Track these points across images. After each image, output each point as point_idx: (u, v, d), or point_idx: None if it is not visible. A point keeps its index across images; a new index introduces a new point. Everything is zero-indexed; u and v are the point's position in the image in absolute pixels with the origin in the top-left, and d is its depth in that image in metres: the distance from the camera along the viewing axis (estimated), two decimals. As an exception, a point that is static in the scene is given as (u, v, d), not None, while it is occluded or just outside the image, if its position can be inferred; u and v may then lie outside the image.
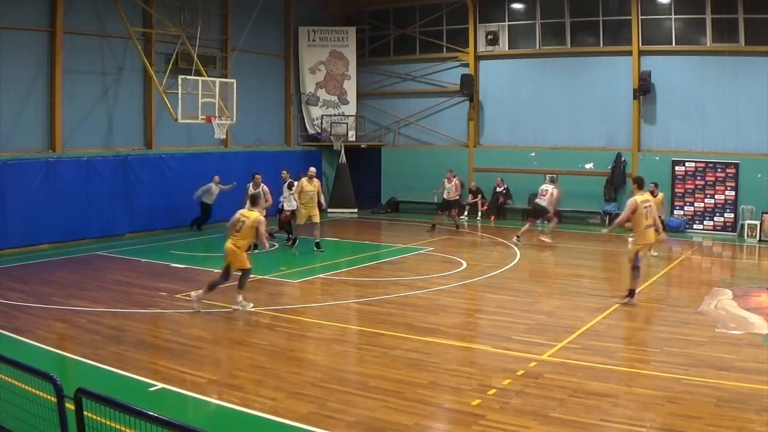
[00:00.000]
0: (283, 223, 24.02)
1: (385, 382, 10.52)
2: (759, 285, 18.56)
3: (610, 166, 30.01)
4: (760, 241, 26.52)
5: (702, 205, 28.44)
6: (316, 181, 23.06)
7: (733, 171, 28.24)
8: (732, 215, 28.00)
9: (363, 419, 9.13)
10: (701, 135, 28.80)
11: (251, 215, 15.02)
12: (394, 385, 10.36)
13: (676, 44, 29.31)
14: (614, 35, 30.37)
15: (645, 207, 15.96)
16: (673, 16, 29.30)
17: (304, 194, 22.64)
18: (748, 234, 27.21)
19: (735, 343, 13.03)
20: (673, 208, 28.81)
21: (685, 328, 14.10)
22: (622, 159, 29.80)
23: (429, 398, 9.99)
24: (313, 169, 23.76)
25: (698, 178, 28.58)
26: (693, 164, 28.81)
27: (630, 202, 16.06)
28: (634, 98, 29.51)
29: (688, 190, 28.79)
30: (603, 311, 15.18)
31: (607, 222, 28.91)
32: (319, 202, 22.78)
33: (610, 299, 16.23)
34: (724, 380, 10.76)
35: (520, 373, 10.93)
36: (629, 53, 29.80)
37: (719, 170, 28.42)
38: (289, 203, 23.42)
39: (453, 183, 28.10)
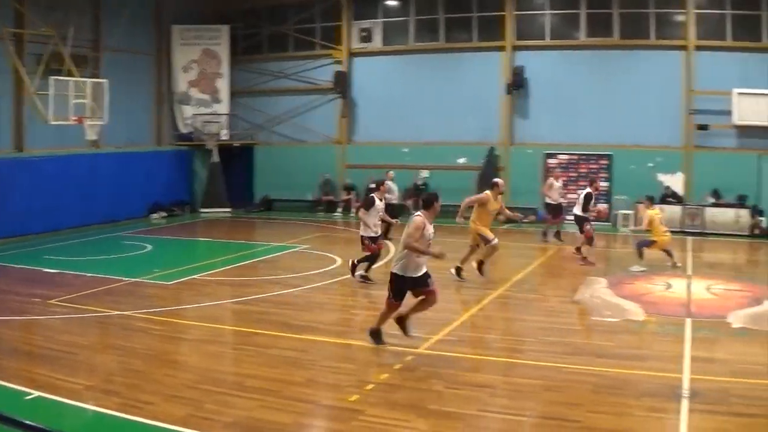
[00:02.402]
0: None
1: (262, 381, 10.32)
2: (632, 273, 19.01)
3: (483, 160, 30.35)
4: (633, 230, 27.19)
5: (575, 196, 28.98)
6: None
7: (606, 162, 28.94)
8: (606, 205, 28.66)
9: (241, 420, 8.93)
10: (574, 128, 29.44)
11: None
12: (272, 384, 10.17)
13: (549, 39, 29.89)
14: (488, 31, 30.78)
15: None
16: (547, 12, 29.87)
17: None
18: (622, 223, 27.94)
19: (611, 330, 13.31)
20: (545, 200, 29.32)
21: (561, 317, 14.33)
22: (495, 153, 30.18)
23: (307, 396, 9.83)
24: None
25: (571, 170, 29.15)
26: (566, 156, 29.40)
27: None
28: (507, 93, 29.93)
29: (562, 182, 29.35)
30: (478, 303, 15.29)
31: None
32: None
33: (484, 291, 16.37)
34: (601, 367, 10.95)
35: (397, 367, 10.87)
36: (502, 49, 30.23)
37: (592, 162, 29.09)
38: None
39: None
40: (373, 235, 17.45)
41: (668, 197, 28.04)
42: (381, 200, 17.66)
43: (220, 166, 33.64)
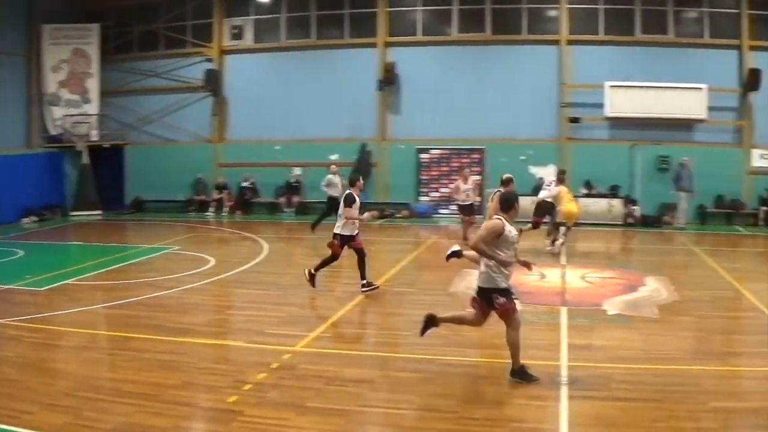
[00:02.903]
0: None
1: (139, 386, 10.16)
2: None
3: (356, 157, 30.53)
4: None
5: (448, 190, 29.50)
6: None
7: (479, 156, 29.47)
8: (479, 199, 29.17)
9: (120, 426, 8.79)
10: (448, 123, 29.94)
11: None
12: (149, 389, 10.03)
13: (422, 35, 30.24)
14: (360, 27, 30.95)
15: None
16: (419, 8, 30.23)
17: None
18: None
19: (487, 321, 13.50)
20: (419, 194, 29.71)
21: (437, 309, 14.22)
22: (368, 149, 30.40)
23: (185, 399, 9.75)
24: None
25: (443, 164, 29.58)
26: (438, 151, 29.82)
27: None
28: (379, 89, 30.17)
29: (435, 177, 29.78)
30: (354, 299, 15.36)
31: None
32: None
33: (359, 287, 16.39)
34: (478, 357, 11.27)
35: (275, 366, 10.84)
36: (375, 45, 30.45)
37: (464, 156, 29.59)
38: None
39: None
40: (350, 233, 16.25)
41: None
42: (359, 197, 16.49)
43: (91, 168, 32.98)
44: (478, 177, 28.73)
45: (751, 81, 28.91)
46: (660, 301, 15.29)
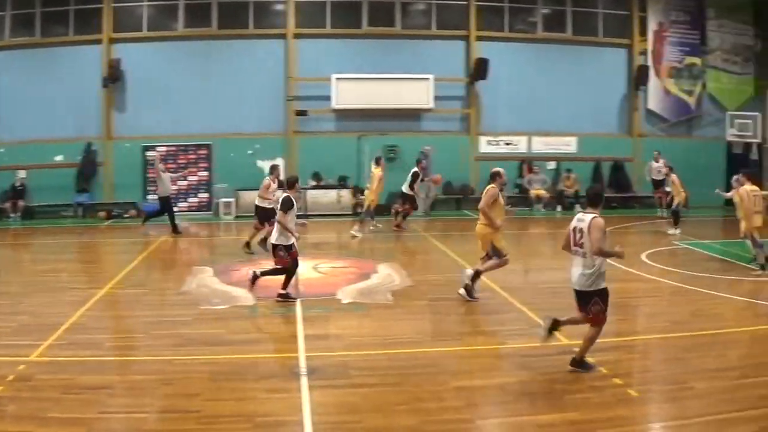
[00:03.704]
0: None
1: None
2: (240, 259, 19.52)
3: (81, 157, 29.64)
4: (236, 217, 27.92)
5: (176, 187, 29.26)
6: None
7: (206, 152, 29.42)
8: (207, 195, 29.12)
9: None
10: (175, 119, 29.62)
11: None
12: None
13: (147, 31, 29.73)
14: (85, 24, 29.89)
15: (754, 195, 17.79)
16: (145, 3, 29.65)
17: None
18: (223, 212, 28.50)
19: (221, 317, 13.57)
20: (146, 193, 29.30)
21: (170, 309, 14.38)
22: (93, 148, 29.59)
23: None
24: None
25: (170, 161, 29.31)
26: (164, 148, 29.49)
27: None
28: (104, 86, 29.36)
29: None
30: (85, 303, 14.80)
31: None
32: None
33: (90, 291, 15.99)
34: (216, 355, 11.18)
35: (10, 378, 10.23)
36: (100, 42, 29.59)
37: (191, 152, 29.44)
38: None
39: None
40: (291, 242, 14.83)
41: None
42: (296, 200, 15.15)
43: None
44: (205, 173, 28.69)
45: (477, 71, 30.44)
46: (393, 287, 15.85)
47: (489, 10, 31.60)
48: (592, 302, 10.19)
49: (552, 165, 32.14)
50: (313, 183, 29.30)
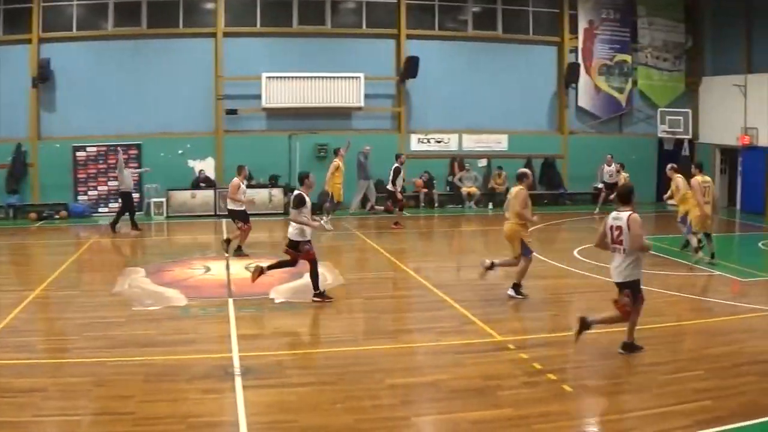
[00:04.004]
0: None
1: None
2: (172, 259, 19.50)
3: (11, 158, 29.16)
4: (167, 217, 27.76)
5: (106, 188, 28.95)
6: None
7: (136, 152, 29.15)
8: (138, 195, 28.85)
9: None
10: (105, 119, 29.09)
11: None
12: None
13: (77, 30, 29.36)
14: (14, 24, 29.29)
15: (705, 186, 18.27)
16: (74, 3, 29.25)
17: None
18: (155, 212, 28.29)
19: (154, 318, 13.55)
20: (77, 194, 28.99)
21: (103, 310, 14.27)
22: (23, 149, 29.15)
23: None
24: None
25: (100, 161, 29.02)
26: (95, 149, 29.18)
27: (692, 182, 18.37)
28: (33, 87, 28.92)
29: (92, 175, 29.12)
30: (17, 306, 14.62)
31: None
32: None
33: (21, 293, 15.79)
34: (149, 356, 11.15)
35: None
36: (29, 42, 29.09)
37: (124, 152, 29.12)
38: None
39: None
40: (307, 238, 14.76)
41: (201, 182, 28.98)
42: (309, 197, 14.91)
43: None
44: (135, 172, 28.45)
45: (407, 69, 30.57)
46: (326, 285, 15.90)
47: (419, 9, 31.77)
48: (624, 293, 10.96)
49: (483, 162, 32.32)
50: (246, 182, 29.18)
